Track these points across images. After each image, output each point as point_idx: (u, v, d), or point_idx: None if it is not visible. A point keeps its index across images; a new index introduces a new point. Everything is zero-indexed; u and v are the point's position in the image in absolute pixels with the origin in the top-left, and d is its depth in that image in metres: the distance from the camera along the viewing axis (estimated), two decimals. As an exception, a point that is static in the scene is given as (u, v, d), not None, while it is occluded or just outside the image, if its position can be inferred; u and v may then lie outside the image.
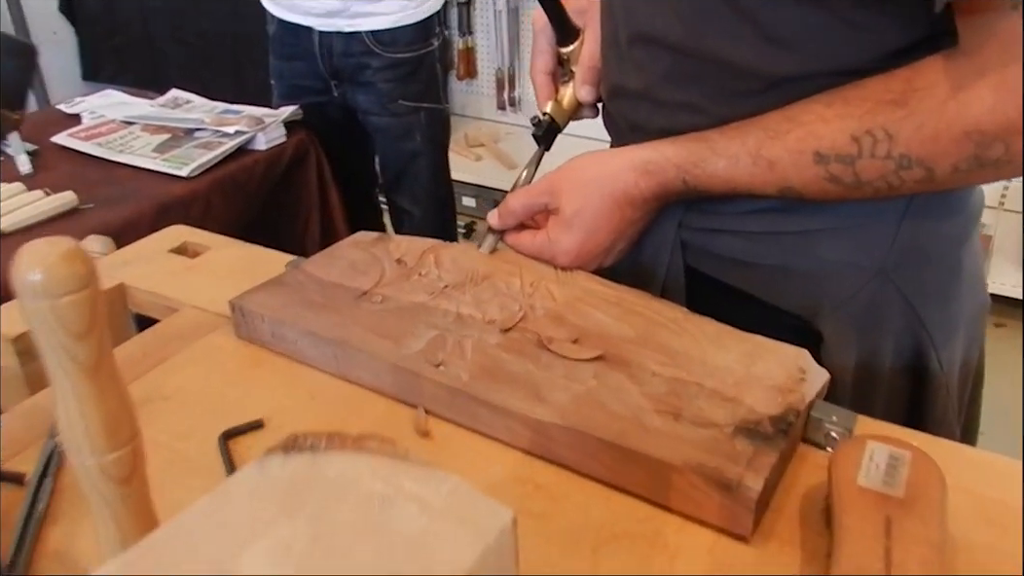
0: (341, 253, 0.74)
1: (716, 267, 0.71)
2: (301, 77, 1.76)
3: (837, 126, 0.55)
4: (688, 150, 0.62)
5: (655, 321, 0.62)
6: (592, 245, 0.68)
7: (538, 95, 0.80)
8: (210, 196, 1.48)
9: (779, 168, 0.58)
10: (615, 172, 0.66)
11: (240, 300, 0.67)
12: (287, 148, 1.62)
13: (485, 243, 0.73)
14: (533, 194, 0.70)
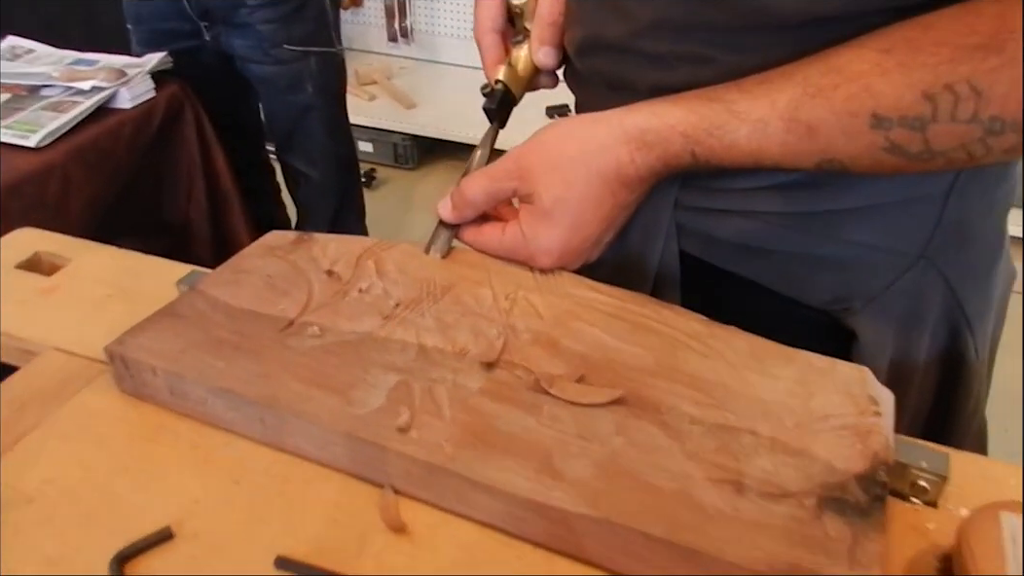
0: (251, 265, 0.58)
1: (720, 255, 0.59)
2: (163, 19, 1.50)
3: (902, 79, 0.42)
4: (698, 114, 0.48)
5: (673, 339, 0.49)
6: (578, 240, 0.53)
7: (485, 59, 0.64)
8: (68, 169, 1.24)
9: (822, 135, 0.45)
10: (603, 145, 0.51)
11: (120, 347, 0.50)
12: (158, 104, 1.38)
13: (436, 243, 0.58)
14: (497, 177, 0.55)
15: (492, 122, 0.63)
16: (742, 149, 0.47)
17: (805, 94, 0.45)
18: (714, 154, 0.48)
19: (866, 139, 0.44)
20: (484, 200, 0.56)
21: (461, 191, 0.56)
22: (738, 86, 0.48)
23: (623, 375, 0.46)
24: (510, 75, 0.63)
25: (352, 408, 0.45)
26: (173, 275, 0.61)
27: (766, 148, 0.47)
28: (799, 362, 0.47)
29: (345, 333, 0.50)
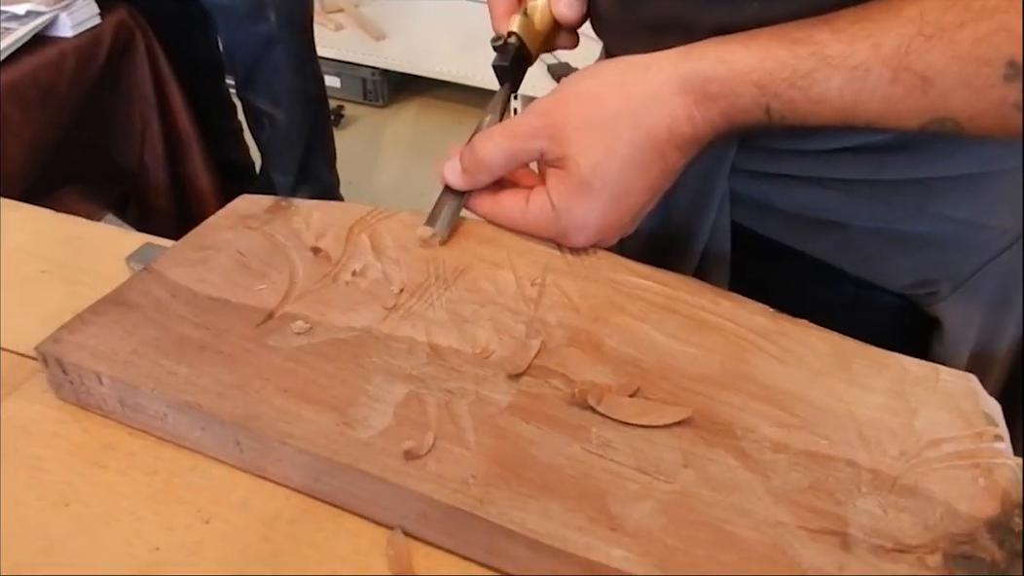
0: (219, 239, 0.48)
1: (781, 229, 0.51)
2: None
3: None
4: (777, 59, 0.39)
5: (738, 338, 0.41)
6: (619, 213, 0.44)
7: (494, 11, 0.54)
8: (3, 109, 1.10)
9: (937, 88, 0.36)
10: (654, 96, 0.41)
11: (56, 346, 0.40)
12: (104, 33, 1.23)
13: (440, 217, 0.48)
14: (520, 135, 0.45)
15: (504, 83, 0.53)
16: (832, 104, 0.38)
17: (920, 34, 0.36)
18: (795, 110, 0.39)
19: (995, 94, 0.35)
20: (503, 163, 0.46)
21: (474, 151, 0.46)
22: (829, 24, 0.38)
23: (684, 386, 0.38)
24: (525, 27, 0.52)
25: (352, 430, 0.36)
26: (122, 247, 0.52)
27: (863, 103, 0.38)
28: (893, 368, 0.39)
29: (338, 329, 0.41)
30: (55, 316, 0.43)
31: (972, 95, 0.36)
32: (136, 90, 1.33)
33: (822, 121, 0.39)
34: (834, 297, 0.53)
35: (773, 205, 0.50)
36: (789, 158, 0.47)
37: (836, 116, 0.39)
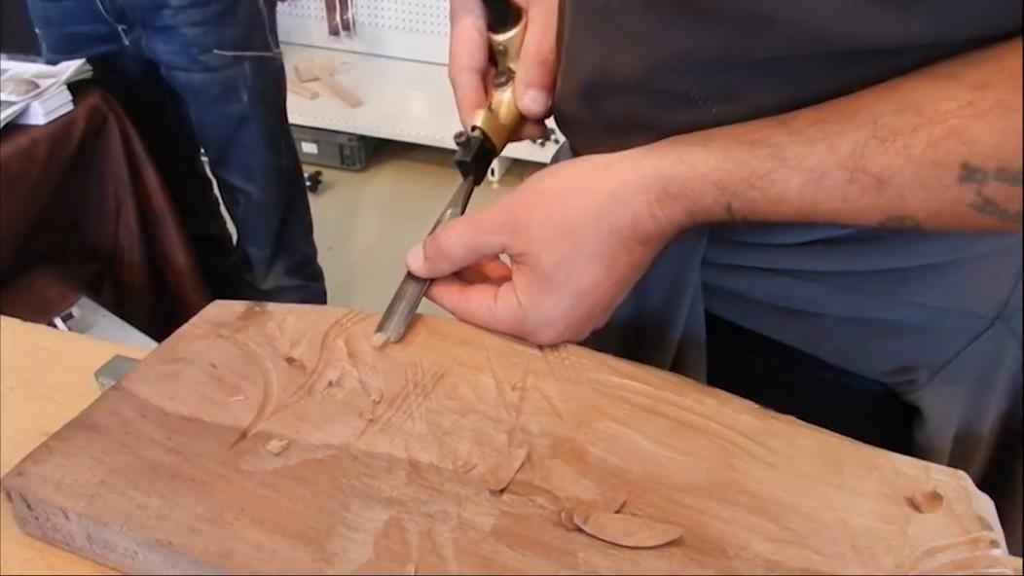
0: (191, 350, 0.46)
1: (755, 319, 0.50)
2: (76, 22, 1.33)
3: (1001, 123, 0.33)
4: (736, 160, 0.39)
5: (725, 441, 0.40)
6: (586, 308, 0.44)
7: (461, 102, 0.54)
8: (-27, 196, 1.10)
9: (893, 188, 0.36)
10: (616, 195, 0.41)
11: (20, 480, 0.38)
12: (77, 119, 1.24)
13: (394, 319, 0.47)
14: (484, 229, 0.45)
15: (467, 176, 0.53)
16: (792, 203, 0.38)
17: (875, 137, 0.36)
18: (756, 208, 0.39)
19: (951, 193, 0.35)
20: (464, 254, 0.46)
21: (438, 241, 0.46)
22: (785, 125, 0.38)
23: (672, 499, 0.37)
24: (490, 122, 0.52)
25: (329, 566, 0.34)
26: (92, 358, 0.50)
27: (822, 203, 0.38)
28: (884, 468, 0.39)
29: (315, 447, 0.40)
30: (23, 438, 0.42)
31: (928, 195, 0.36)
32: (110, 171, 1.33)
33: (783, 218, 0.39)
34: (814, 382, 0.52)
35: (746, 296, 0.49)
36: (759, 251, 0.47)
37: (796, 214, 0.39)
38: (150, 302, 1.46)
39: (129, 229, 1.38)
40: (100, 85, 1.30)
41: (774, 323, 0.51)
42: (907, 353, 0.48)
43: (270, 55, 1.41)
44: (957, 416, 0.49)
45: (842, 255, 0.46)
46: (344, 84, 2.68)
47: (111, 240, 1.39)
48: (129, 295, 1.44)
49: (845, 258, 0.46)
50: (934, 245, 0.44)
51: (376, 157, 2.74)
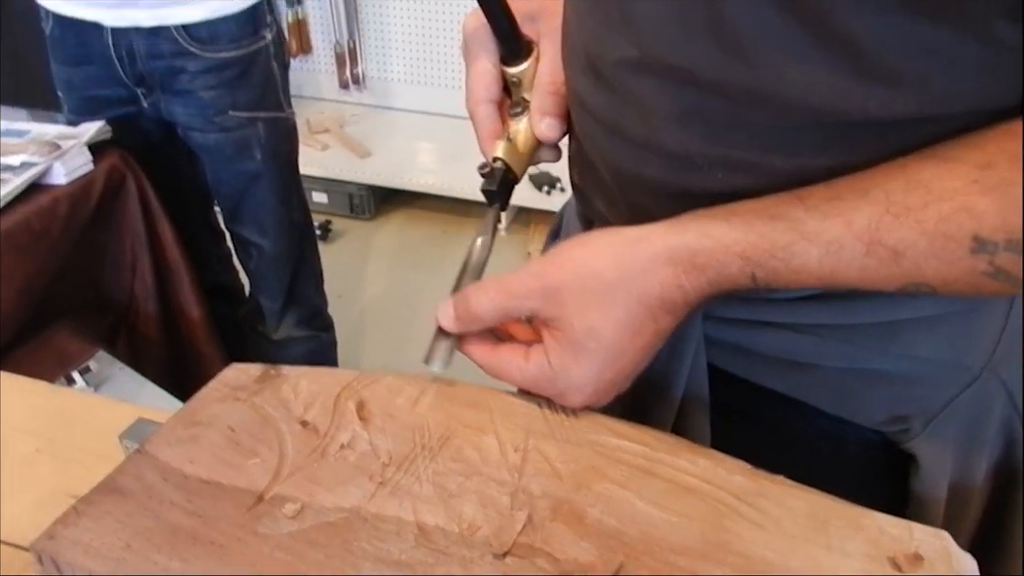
0: (209, 414, 0.49)
1: (756, 370, 0.53)
2: (96, 86, 1.38)
3: (1007, 198, 0.36)
4: (758, 233, 0.41)
5: (717, 503, 0.42)
6: (613, 374, 0.46)
7: (480, 133, 0.57)
8: (-2, 254, 1.13)
9: (909, 259, 0.39)
10: (644, 267, 0.44)
11: (51, 543, 0.41)
12: (96, 178, 1.28)
13: (435, 357, 0.50)
14: (515, 294, 0.47)
15: (492, 205, 0.56)
16: (812, 273, 0.41)
17: (888, 213, 0.38)
18: (779, 277, 0.42)
19: (965, 264, 0.38)
20: (495, 316, 0.48)
21: (468, 303, 0.48)
22: (802, 201, 0.41)
23: (667, 560, 0.39)
24: (509, 151, 0.55)
25: (343, 625, 0.36)
26: (115, 420, 0.53)
27: (841, 272, 0.40)
28: (869, 528, 0.40)
29: (328, 510, 0.42)
30: (50, 499, 0.44)
31: (943, 265, 0.38)
32: (127, 226, 1.37)
33: (805, 286, 0.42)
34: (814, 432, 0.54)
35: (746, 348, 0.52)
36: (759, 305, 0.50)
37: (817, 283, 0.41)
38: (164, 353, 1.49)
39: (145, 282, 1.41)
40: (119, 145, 1.35)
41: (774, 374, 0.53)
42: (901, 403, 0.50)
43: (283, 115, 1.46)
44: (951, 465, 0.51)
45: (837, 308, 0.48)
46: (354, 135, 2.74)
47: (127, 293, 1.42)
48: (144, 347, 1.47)
49: (840, 311, 0.48)
50: (924, 300, 0.47)
51: (385, 206, 2.79)
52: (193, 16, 1.28)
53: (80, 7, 1.29)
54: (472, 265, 0.53)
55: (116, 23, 1.29)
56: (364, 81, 2.89)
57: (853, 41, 0.37)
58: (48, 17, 1.35)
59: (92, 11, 1.29)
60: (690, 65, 0.42)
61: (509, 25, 0.52)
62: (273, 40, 1.39)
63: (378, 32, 2.80)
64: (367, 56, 2.85)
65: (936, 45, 0.36)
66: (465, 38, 0.56)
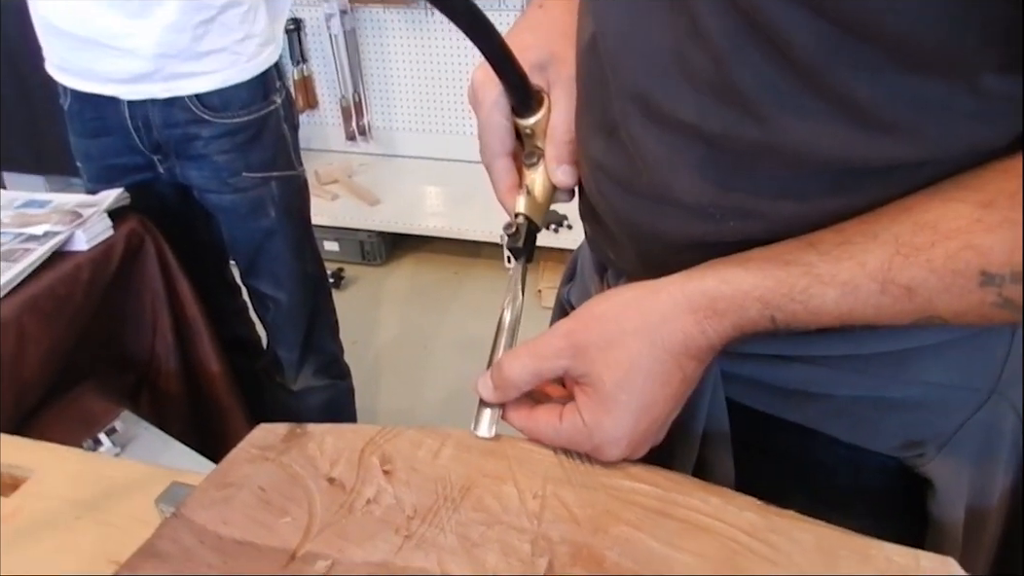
0: (240, 475, 0.51)
1: (773, 402, 0.54)
2: (114, 155, 1.43)
3: (1010, 235, 0.38)
4: (775, 278, 0.44)
5: (730, 540, 0.44)
6: (646, 424, 0.48)
7: (498, 185, 0.59)
8: (23, 321, 1.17)
9: (921, 295, 0.41)
10: (666, 316, 0.46)
11: (97, 608, 0.43)
12: (116, 243, 1.32)
13: (482, 424, 0.52)
14: (545, 356, 0.49)
15: (518, 259, 0.58)
16: (830, 313, 0.43)
17: (898, 254, 0.41)
18: (798, 318, 0.44)
19: (974, 297, 0.40)
20: (528, 380, 0.50)
21: (502, 371, 0.50)
22: (814, 247, 0.43)
23: (684, 598, 0.41)
24: (530, 205, 0.58)
25: (378, 675, 0.38)
26: (150, 484, 0.55)
27: (858, 311, 0.43)
28: (876, 558, 0.42)
29: (357, 565, 0.44)
30: (92, 566, 0.46)
31: (953, 299, 0.40)
32: (147, 286, 1.40)
33: (824, 325, 0.44)
34: (832, 460, 0.55)
35: (762, 381, 0.54)
36: (771, 340, 0.52)
37: (835, 321, 0.44)
38: (186, 408, 1.52)
39: (165, 339, 1.44)
40: (136, 209, 1.39)
41: (790, 406, 0.55)
42: (914, 428, 0.52)
43: (295, 173, 1.50)
44: (967, 487, 0.52)
45: (847, 340, 0.50)
46: (362, 184, 2.80)
47: (148, 351, 1.45)
48: (166, 403, 1.50)
49: (850, 343, 0.50)
50: (929, 328, 0.49)
51: (396, 251, 2.83)
52: (206, 86, 1.33)
53: (98, 84, 1.35)
54: (506, 326, 0.55)
55: (132, 97, 1.34)
56: (370, 132, 2.96)
57: (852, 97, 0.39)
58: (66, 93, 1.41)
59: (109, 87, 1.34)
60: (699, 121, 0.45)
61: (519, 78, 0.53)
62: (283, 103, 1.44)
63: (382, 85, 2.88)
64: (372, 108, 2.92)
65: (928, 98, 0.39)
66: (474, 91, 0.58)
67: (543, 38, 0.57)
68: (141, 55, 1.29)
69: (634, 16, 0.46)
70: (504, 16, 2.55)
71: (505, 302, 0.56)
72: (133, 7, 1.25)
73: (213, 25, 1.29)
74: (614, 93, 0.49)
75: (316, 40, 2.85)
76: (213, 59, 1.32)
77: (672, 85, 0.45)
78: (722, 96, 0.43)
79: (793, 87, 0.40)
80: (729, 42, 0.41)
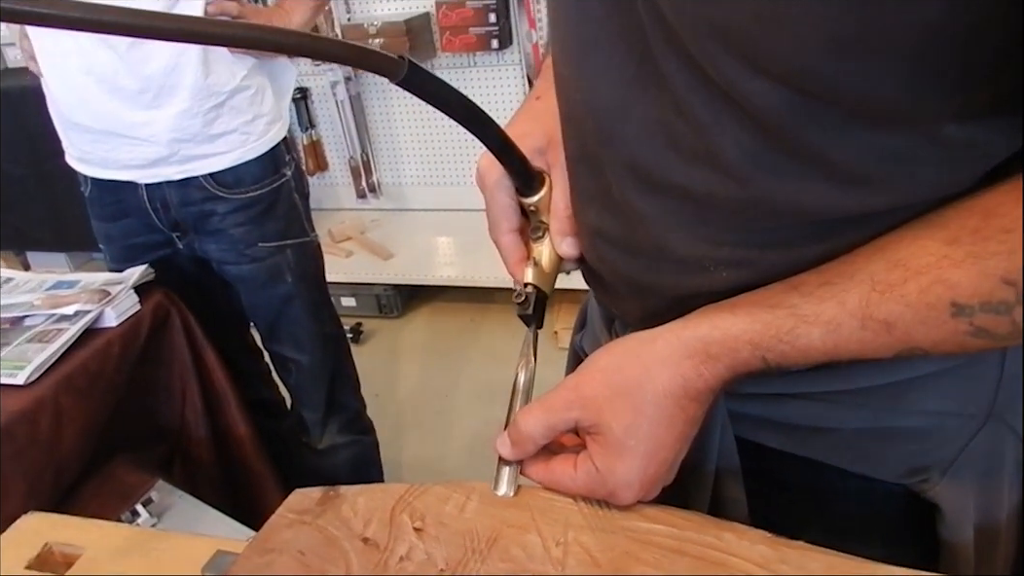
0: (280, 540, 0.54)
1: (780, 438, 0.57)
2: (135, 235, 1.50)
3: (975, 269, 0.41)
4: (763, 322, 0.47)
5: (743, 573, 0.46)
6: (656, 466, 0.51)
7: (507, 259, 0.63)
8: (59, 400, 1.21)
9: (899, 329, 0.44)
10: (665, 362, 0.50)
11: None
12: (144, 317, 1.37)
13: (502, 482, 0.55)
14: (556, 408, 0.53)
15: (530, 326, 0.62)
16: (817, 350, 0.46)
17: (874, 291, 0.44)
18: (787, 358, 0.47)
19: (949, 327, 0.43)
20: (543, 434, 0.53)
21: (517, 426, 0.54)
22: (796, 289, 0.47)
23: (703, 632, 0.43)
24: (537, 274, 0.62)
25: None
26: (196, 554, 0.58)
27: (842, 347, 0.46)
28: (882, 583, 0.45)
29: (395, 618, 0.47)
30: (145, 635, 0.49)
31: (930, 330, 0.43)
32: (175, 357, 1.45)
33: (813, 363, 0.47)
34: (842, 491, 0.58)
35: (769, 418, 0.56)
36: (773, 379, 0.54)
37: (822, 358, 0.47)
38: (217, 474, 1.55)
39: (195, 407, 1.48)
40: (160, 283, 1.45)
41: (796, 440, 0.57)
42: (916, 456, 0.54)
43: (308, 239, 1.56)
44: (973, 509, 0.55)
45: (847, 375, 0.53)
46: (375, 239, 2.86)
47: (179, 420, 1.49)
48: (198, 470, 1.53)
49: (849, 377, 0.53)
50: (923, 359, 0.51)
51: (412, 303, 2.88)
52: (219, 165, 1.40)
53: (116, 171, 1.42)
54: (521, 388, 0.59)
55: (149, 180, 1.41)
56: (380, 188, 3.03)
57: (824, 156, 0.43)
58: (86, 181, 1.48)
59: (127, 173, 1.41)
60: (688, 183, 0.48)
61: (519, 162, 0.58)
62: (293, 175, 1.51)
63: (388, 142, 2.95)
64: (380, 165, 3.00)
65: (895, 152, 0.42)
66: (480, 175, 0.63)
67: (540, 125, 0.62)
68: (157, 142, 1.36)
69: (623, 92, 0.50)
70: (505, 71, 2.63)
71: (519, 366, 0.60)
72: (147, 99, 1.32)
73: (223, 109, 1.36)
74: (606, 163, 0.53)
75: (323, 106, 2.94)
76: (225, 140, 1.38)
77: (661, 153, 0.49)
78: (706, 162, 0.47)
79: (770, 152, 0.44)
80: (709, 115, 0.45)
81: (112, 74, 1.30)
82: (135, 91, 1.32)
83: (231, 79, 1.36)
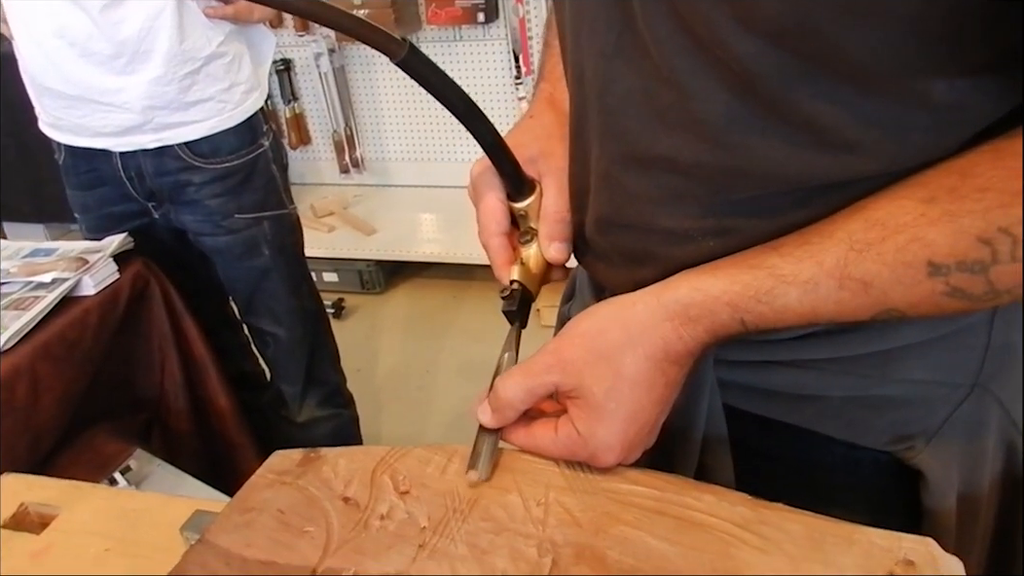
0: (260, 499, 0.54)
1: (768, 406, 0.57)
2: (110, 204, 1.48)
3: (951, 227, 0.41)
4: (741, 283, 0.47)
5: (723, 533, 0.47)
6: (636, 429, 0.51)
7: (495, 262, 0.63)
8: (36, 368, 1.20)
9: (876, 288, 0.44)
10: (645, 325, 0.50)
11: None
12: (122, 286, 1.35)
13: (482, 456, 0.54)
14: (535, 372, 0.52)
15: (513, 323, 0.62)
16: (795, 311, 0.46)
17: (852, 250, 0.44)
18: (765, 319, 0.47)
19: (925, 287, 0.43)
20: (523, 399, 0.53)
21: (497, 393, 0.53)
22: (776, 250, 0.47)
23: (682, 589, 0.43)
24: (524, 274, 0.61)
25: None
26: (174, 515, 0.58)
27: (820, 307, 0.46)
28: (860, 543, 0.45)
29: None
30: (121, 595, 0.49)
31: (906, 290, 0.43)
32: (154, 327, 1.43)
33: (790, 325, 0.47)
34: (828, 459, 0.58)
35: (756, 386, 0.57)
36: (766, 346, 0.55)
37: (800, 320, 0.47)
38: (197, 444, 1.54)
39: (174, 378, 1.47)
40: (139, 251, 1.43)
41: (784, 408, 0.57)
42: (902, 424, 0.55)
43: (286, 211, 1.54)
44: (956, 477, 0.55)
45: (834, 343, 0.53)
46: (358, 215, 2.84)
47: (158, 390, 1.48)
48: (177, 440, 1.53)
49: (837, 346, 0.53)
50: (910, 328, 0.52)
51: (394, 279, 2.87)
52: (194, 134, 1.37)
53: (89, 139, 1.39)
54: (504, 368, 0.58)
55: (123, 148, 1.38)
56: (363, 163, 3.00)
57: (812, 120, 0.43)
58: (60, 148, 1.45)
59: (101, 140, 1.39)
60: (673, 154, 0.48)
61: (511, 165, 0.58)
62: (271, 145, 1.49)
63: (372, 117, 2.93)
64: (364, 140, 2.97)
65: (884, 117, 0.42)
66: (473, 180, 0.63)
67: (533, 138, 0.63)
68: (130, 109, 1.33)
69: (606, 64, 0.50)
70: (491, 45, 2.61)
71: (501, 358, 0.59)
72: (120, 65, 1.30)
73: (199, 76, 1.34)
74: (593, 137, 0.53)
75: (306, 78, 2.91)
76: (200, 108, 1.36)
77: (646, 124, 0.49)
78: (691, 129, 0.46)
79: (756, 116, 0.44)
80: (696, 80, 0.45)
81: (85, 38, 1.27)
82: (108, 56, 1.29)
83: (207, 45, 1.33)
